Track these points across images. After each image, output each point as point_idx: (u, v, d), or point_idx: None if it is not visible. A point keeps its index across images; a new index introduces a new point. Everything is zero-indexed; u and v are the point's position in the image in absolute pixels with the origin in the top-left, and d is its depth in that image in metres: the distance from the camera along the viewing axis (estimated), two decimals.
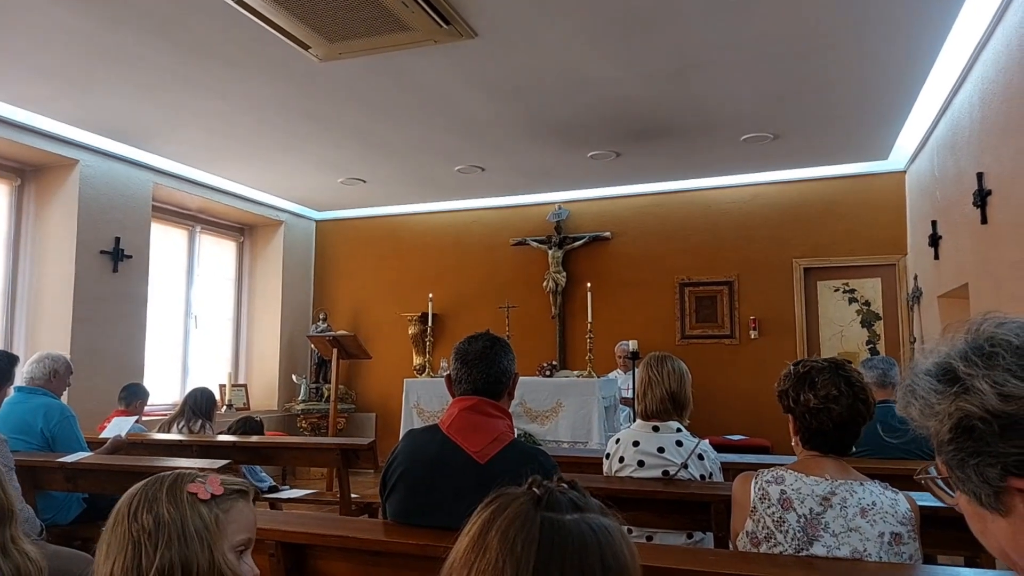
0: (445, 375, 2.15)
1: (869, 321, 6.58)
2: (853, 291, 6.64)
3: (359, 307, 8.25)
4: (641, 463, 2.70)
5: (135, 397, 4.91)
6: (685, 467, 2.65)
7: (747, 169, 6.57)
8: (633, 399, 5.54)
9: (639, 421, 2.82)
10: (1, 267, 5.63)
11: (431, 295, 7.06)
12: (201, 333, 7.43)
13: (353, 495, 4.53)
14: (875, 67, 4.33)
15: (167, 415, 5.18)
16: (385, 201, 7.81)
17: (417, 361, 7.71)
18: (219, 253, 7.83)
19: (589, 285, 6.44)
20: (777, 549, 1.74)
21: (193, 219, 7.35)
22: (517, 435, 2.10)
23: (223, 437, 4.74)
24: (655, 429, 2.73)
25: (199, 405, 4.89)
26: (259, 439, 4.84)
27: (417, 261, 8.04)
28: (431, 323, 6.99)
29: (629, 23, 3.79)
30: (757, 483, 1.82)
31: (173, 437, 4.68)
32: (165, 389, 6.83)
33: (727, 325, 6.89)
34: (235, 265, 8.06)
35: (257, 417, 5.45)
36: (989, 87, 3.86)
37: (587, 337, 6.16)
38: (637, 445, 2.73)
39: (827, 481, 1.75)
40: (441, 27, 3.72)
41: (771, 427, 6.25)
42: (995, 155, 3.83)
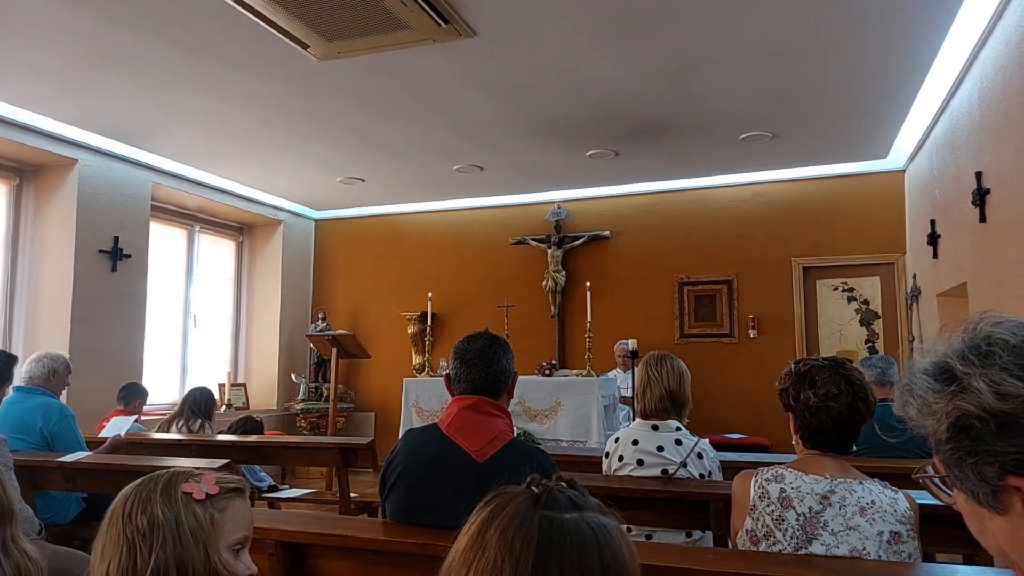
0: (444, 374, 2.15)
1: (868, 320, 6.59)
2: (852, 290, 6.65)
3: (358, 306, 8.25)
4: (640, 462, 2.70)
5: (134, 397, 4.92)
6: (684, 466, 2.66)
7: (746, 168, 6.58)
8: (632, 398, 5.56)
9: (638, 420, 2.82)
10: (0, 267, 5.63)
11: (430, 294, 7.06)
12: (200, 332, 7.43)
13: (352, 494, 4.53)
14: (874, 66, 4.33)
15: (166, 415, 5.17)
16: (384, 200, 7.81)
17: (416, 360, 7.71)
18: (218, 252, 7.83)
19: (588, 284, 6.45)
20: (776, 547, 1.75)
21: (192, 218, 7.34)
22: (516, 434, 2.11)
23: (222, 436, 4.74)
24: (654, 428, 2.73)
25: (198, 405, 4.89)
26: (258, 438, 4.84)
27: (416, 260, 8.04)
28: (430, 322, 6.99)
29: (628, 22, 3.79)
30: (757, 481, 1.83)
31: (172, 437, 4.68)
32: (164, 388, 6.82)
33: (726, 324, 6.89)
34: (234, 264, 8.05)
35: (257, 417, 5.45)
36: (988, 86, 3.86)
37: (586, 336, 6.17)
38: (636, 444, 2.73)
39: (826, 480, 1.75)
40: (440, 26, 3.72)
41: (770, 426, 6.26)
42: (994, 154, 3.84)
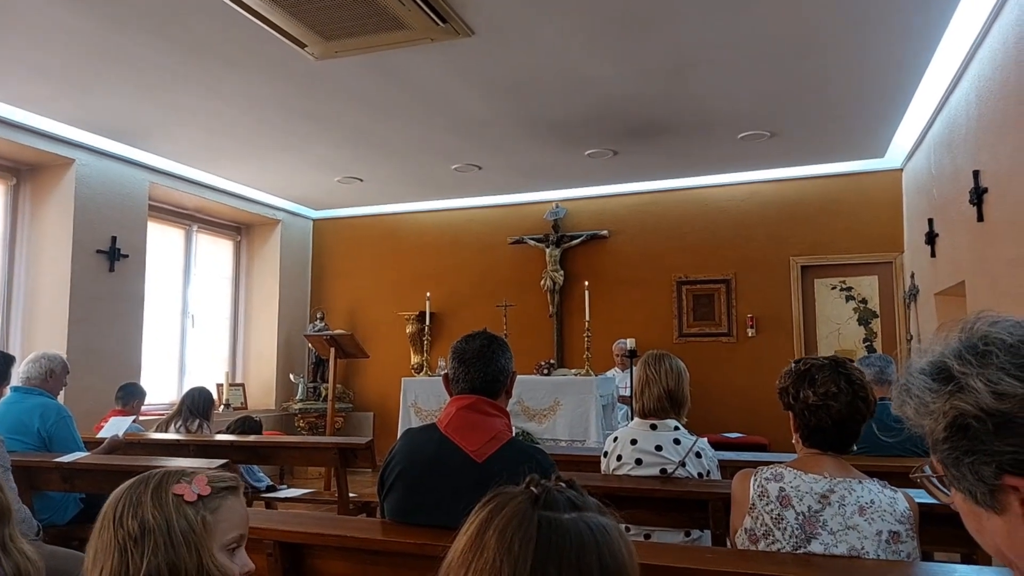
0: (443, 374, 2.15)
1: (866, 319, 6.59)
2: (850, 289, 6.65)
3: (356, 306, 8.25)
4: (639, 461, 2.70)
5: (132, 397, 4.91)
6: (683, 465, 2.66)
7: (744, 167, 6.58)
8: (631, 397, 5.56)
9: (637, 419, 2.82)
10: None
11: (428, 294, 7.06)
12: (198, 332, 7.43)
13: (351, 494, 4.52)
14: (872, 65, 4.33)
15: (164, 415, 5.17)
16: (382, 200, 7.80)
17: (415, 360, 7.71)
18: (216, 252, 7.82)
19: (587, 283, 6.45)
20: (775, 546, 1.75)
21: (190, 218, 7.33)
22: (515, 433, 2.10)
23: (220, 437, 4.74)
24: (653, 427, 2.73)
25: (197, 405, 4.89)
26: (257, 438, 4.83)
27: (414, 260, 8.04)
28: (428, 322, 6.99)
29: (627, 21, 3.79)
30: (756, 480, 1.83)
31: (170, 437, 4.67)
32: (162, 389, 6.82)
33: (724, 323, 6.90)
34: (232, 264, 8.05)
35: (256, 417, 5.44)
36: (985, 85, 3.87)
37: (585, 335, 6.17)
38: (635, 443, 2.73)
39: (826, 479, 1.75)
40: (438, 25, 3.72)
41: (769, 425, 6.26)
42: (992, 153, 3.84)
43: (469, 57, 4.19)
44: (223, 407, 7.14)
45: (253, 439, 4.77)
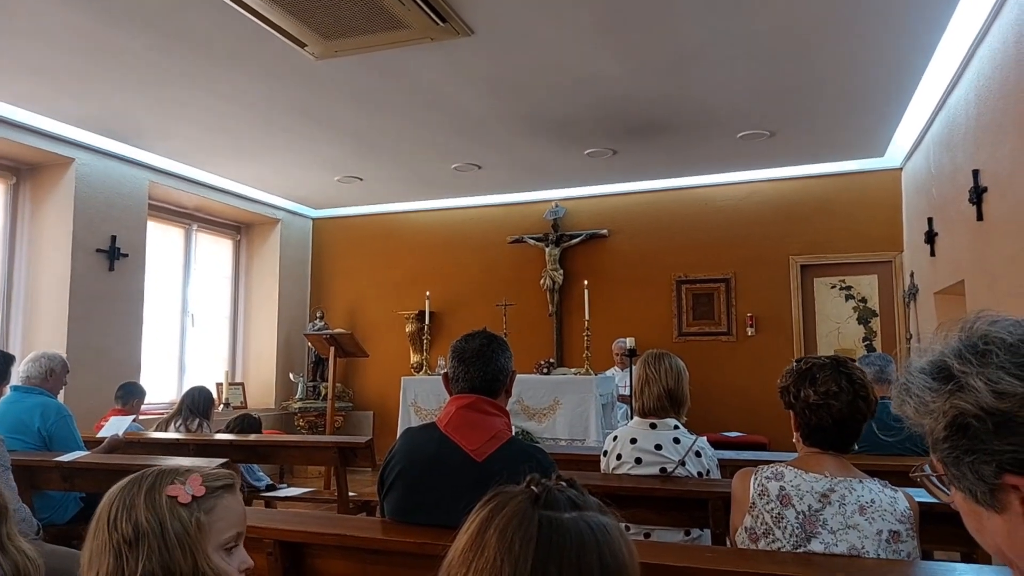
0: (442, 373, 2.15)
1: (865, 318, 6.60)
2: (849, 288, 6.66)
3: (356, 305, 8.25)
4: (639, 460, 2.70)
5: (132, 396, 4.91)
6: (683, 464, 2.66)
7: (744, 166, 6.58)
8: (630, 396, 5.56)
9: (636, 418, 2.82)
10: None
11: (428, 293, 7.06)
12: (198, 331, 7.42)
13: (351, 493, 4.53)
14: (871, 64, 4.33)
15: (164, 414, 5.17)
16: (382, 199, 7.80)
17: (414, 359, 7.71)
18: (216, 251, 7.82)
19: (586, 283, 6.45)
20: (775, 545, 1.75)
21: (189, 217, 7.33)
22: (515, 433, 2.11)
23: (220, 436, 4.74)
24: (653, 426, 2.73)
25: (197, 404, 4.89)
26: (257, 438, 4.84)
27: (414, 259, 8.04)
28: (428, 321, 6.99)
29: (626, 21, 3.79)
30: (756, 479, 1.83)
31: (170, 436, 4.67)
32: (162, 388, 6.82)
33: (724, 322, 6.90)
34: (232, 263, 8.04)
35: (255, 414, 5.44)
36: (985, 84, 3.87)
37: (584, 335, 6.17)
38: (635, 442, 2.73)
39: (826, 478, 1.76)
40: (437, 24, 3.72)
41: (768, 424, 6.26)
42: (991, 152, 3.84)
43: (469, 56, 4.19)
44: (223, 406, 7.14)
45: (253, 438, 4.77)
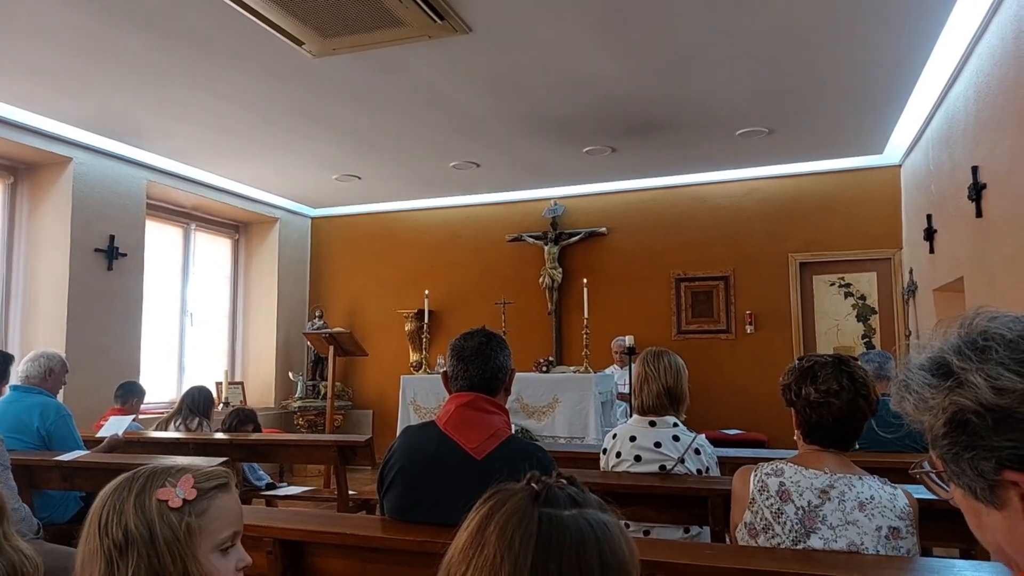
0: (442, 372, 2.15)
1: (865, 315, 6.60)
2: (849, 285, 6.66)
3: (355, 304, 8.24)
4: (638, 458, 2.71)
5: (131, 395, 4.91)
6: (682, 461, 2.66)
7: (742, 164, 6.58)
8: (630, 394, 5.56)
9: (636, 416, 2.82)
10: None
11: (427, 292, 7.06)
12: (197, 331, 7.42)
13: (350, 492, 4.53)
14: (870, 61, 4.33)
15: (163, 413, 5.17)
16: (381, 198, 7.80)
17: (414, 358, 7.71)
18: (214, 250, 7.81)
19: (585, 281, 6.45)
20: (775, 541, 1.75)
21: (188, 216, 7.32)
22: (514, 431, 2.11)
23: (220, 435, 4.73)
24: (652, 424, 2.73)
25: (196, 403, 4.89)
26: (257, 437, 4.83)
27: (413, 258, 8.03)
28: (427, 320, 6.98)
29: (625, 19, 3.79)
30: (757, 475, 1.83)
31: (170, 435, 4.67)
32: (161, 387, 6.81)
33: (723, 320, 6.90)
34: (230, 262, 8.04)
35: (247, 407, 5.43)
36: (984, 80, 3.87)
37: (583, 333, 6.17)
38: (634, 440, 2.74)
39: (826, 475, 1.76)
40: (435, 22, 3.71)
41: (767, 421, 6.27)
42: (990, 149, 3.84)
43: (467, 54, 4.19)
44: (222, 405, 7.13)
45: (253, 437, 4.77)
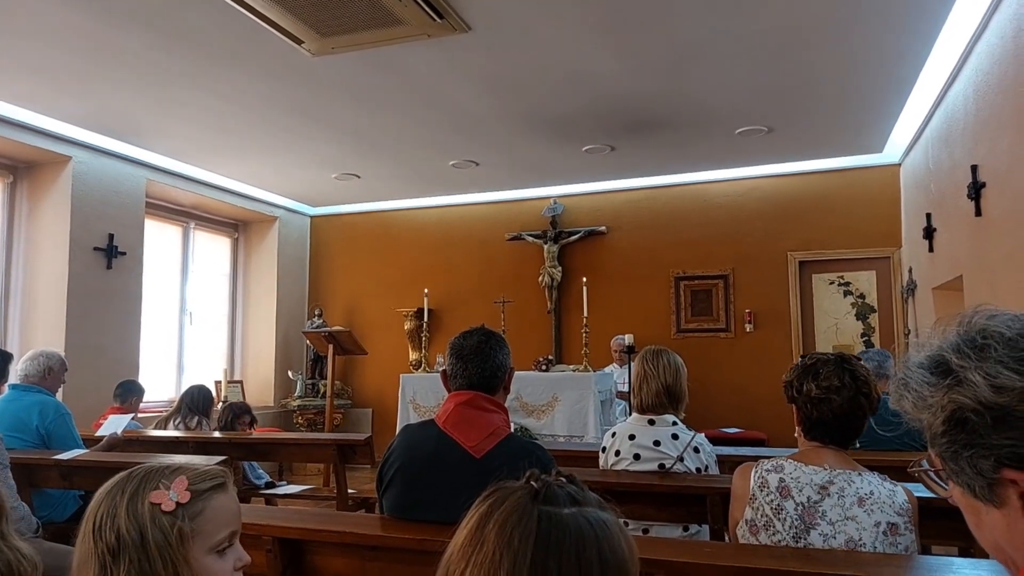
0: (441, 370, 2.15)
1: (864, 314, 6.60)
2: (848, 284, 6.66)
3: (354, 303, 8.24)
4: (637, 456, 2.71)
5: (130, 394, 4.91)
6: (681, 460, 2.66)
7: (742, 163, 6.58)
8: (629, 393, 5.57)
9: (635, 415, 2.82)
10: None
11: (426, 290, 7.06)
12: (196, 329, 7.42)
13: (350, 490, 4.53)
14: (870, 60, 4.33)
15: (163, 412, 5.17)
16: (380, 196, 7.80)
17: (413, 356, 7.71)
18: (214, 249, 7.81)
19: (585, 279, 6.46)
20: (776, 537, 1.76)
21: (187, 215, 7.32)
22: (513, 429, 2.11)
23: (219, 434, 4.73)
24: (651, 423, 2.73)
25: (196, 402, 4.89)
26: (257, 436, 4.83)
27: (412, 256, 8.03)
28: (427, 318, 6.98)
29: (624, 17, 3.79)
30: (757, 472, 1.85)
31: (170, 434, 4.67)
32: (160, 386, 6.81)
33: (722, 319, 6.90)
34: (230, 261, 8.04)
35: (239, 401, 5.43)
36: (983, 79, 3.87)
37: (583, 331, 6.17)
38: (633, 438, 2.74)
39: (826, 471, 1.77)
40: (434, 21, 3.71)
41: (767, 420, 6.28)
42: (990, 148, 3.84)
43: (466, 53, 4.18)
44: (221, 404, 7.13)
45: (253, 436, 4.77)
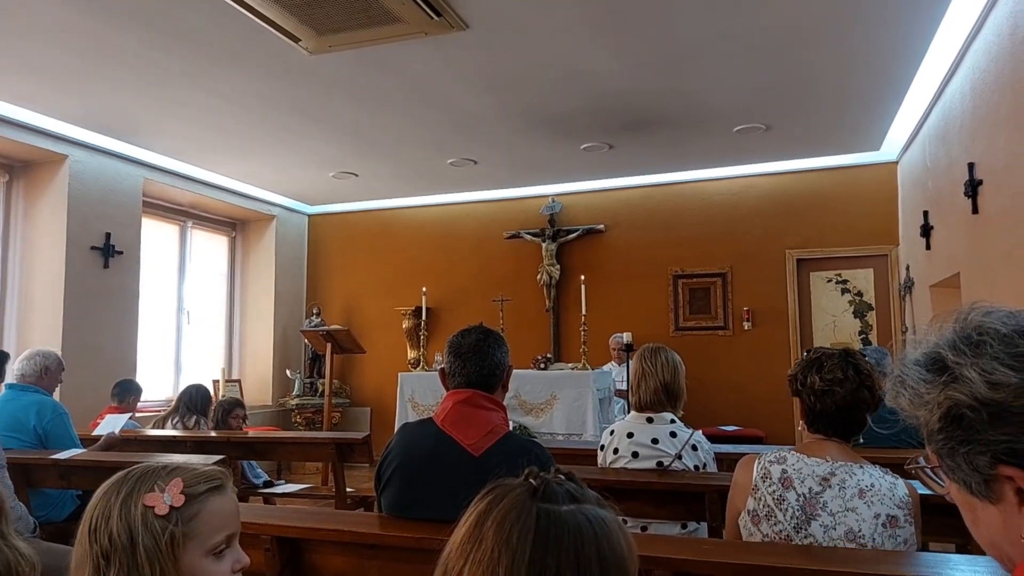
0: (439, 368, 2.15)
1: (861, 311, 6.61)
2: (846, 282, 6.67)
3: (352, 301, 8.24)
4: (635, 454, 2.71)
5: (128, 393, 4.90)
6: (679, 458, 2.67)
7: (740, 161, 6.58)
8: (627, 391, 5.57)
9: (633, 413, 2.83)
10: None
11: (425, 289, 7.06)
12: (194, 328, 7.41)
13: (348, 489, 4.53)
14: (867, 58, 4.33)
15: (160, 411, 5.16)
16: (378, 195, 7.79)
17: (411, 355, 7.71)
18: (211, 248, 7.80)
19: (583, 278, 6.46)
20: (777, 528, 1.77)
21: (184, 214, 7.31)
22: (512, 428, 2.11)
23: (216, 432, 4.73)
24: (649, 420, 2.74)
25: (194, 401, 4.88)
26: (255, 436, 4.83)
27: (410, 255, 8.03)
28: (425, 317, 6.99)
29: (622, 15, 3.79)
30: (760, 463, 1.87)
31: (167, 433, 4.67)
32: (158, 385, 6.80)
33: (720, 316, 6.91)
34: (227, 260, 8.03)
35: (230, 396, 5.44)
36: (980, 77, 3.87)
37: (581, 330, 6.17)
38: (631, 436, 2.74)
39: (828, 462, 1.79)
40: (432, 19, 3.70)
41: (765, 418, 6.29)
42: (986, 145, 3.85)
43: (464, 51, 4.18)
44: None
45: (251, 436, 4.76)
